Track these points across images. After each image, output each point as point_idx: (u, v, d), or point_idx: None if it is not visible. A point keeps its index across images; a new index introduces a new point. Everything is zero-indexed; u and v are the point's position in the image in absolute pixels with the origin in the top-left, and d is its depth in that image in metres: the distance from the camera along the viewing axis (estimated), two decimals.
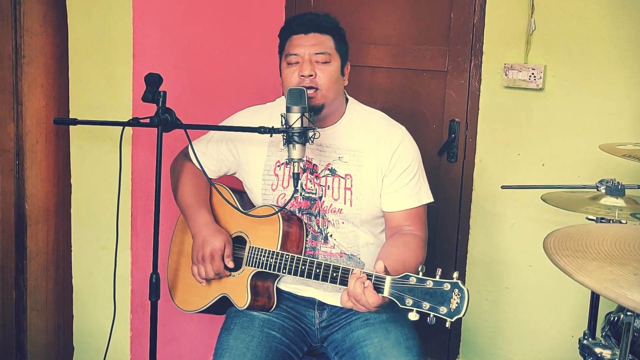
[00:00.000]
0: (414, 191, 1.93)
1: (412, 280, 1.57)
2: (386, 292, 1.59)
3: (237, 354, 1.86)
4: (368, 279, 1.62)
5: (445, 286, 1.53)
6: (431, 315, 1.53)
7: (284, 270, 1.83)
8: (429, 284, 1.55)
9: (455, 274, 1.54)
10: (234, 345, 1.89)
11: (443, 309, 1.52)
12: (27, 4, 2.28)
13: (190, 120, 1.89)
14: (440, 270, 1.56)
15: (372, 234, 1.98)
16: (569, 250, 1.31)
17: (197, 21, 2.47)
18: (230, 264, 1.93)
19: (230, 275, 1.96)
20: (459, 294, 1.51)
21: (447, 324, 1.51)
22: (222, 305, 2.00)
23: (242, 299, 1.92)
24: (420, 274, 1.57)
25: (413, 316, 1.55)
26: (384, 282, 1.60)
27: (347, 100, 2.02)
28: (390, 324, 1.90)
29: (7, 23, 2.27)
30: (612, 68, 2.33)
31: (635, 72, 2.29)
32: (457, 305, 1.51)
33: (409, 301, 1.56)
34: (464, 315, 1.51)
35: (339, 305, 1.94)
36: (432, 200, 1.98)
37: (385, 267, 1.63)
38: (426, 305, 1.53)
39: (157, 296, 1.81)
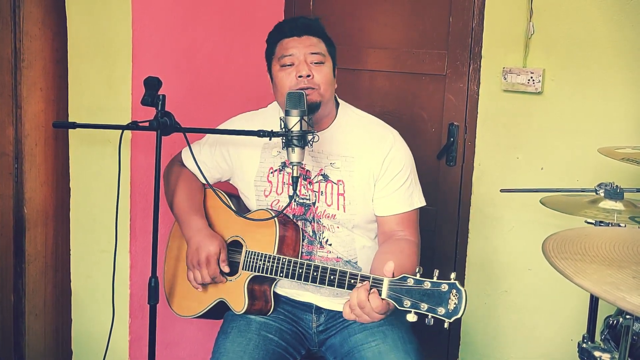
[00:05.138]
0: (405, 195, 1.93)
1: (410, 281, 1.57)
2: (384, 294, 1.59)
3: (234, 357, 1.85)
4: (365, 280, 1.63)
5: (442, 287, 1.53)
6: (429, 316, 1.53)
7: (281, 274, 1.83)
8: (427, 285, 1.54)
9: (453, 275, 1.54)
10: (231, 348, 1.88)
11: (441, 310, 1.52)
12: (26, 7, 2.29)
13: (189, 123, 1.89)
14: (437, 271, 1.56)
15: (368, 237, 1.98)
16: (567, 253, 1.31)
17: (197, 25, 2.47)
18: (226, 269, 1.92)
19: (227, 280, 1.96)
20: (456, 295, 1.51)
21: (446, 325, 1.51)
22: (220, 310, 2.00)
23: (239, 303, 1.91)
24: (418, 275, 1.57)
25: (411, 317, 1.55)
26: (382, 284, 1.60)
27: (338, 104, 2.02)
28: (388, 327, 1.89)
29: (7, 26, 2.27)
30: (611, 71, 2.33)
31: (635, 76, 2.30)
32: (455, 305, 1.51)
33: (407, 302, 1.55)
34: (462, 315, 1.50)
35: (336, 309, 1.94)
36: (424, 204, 1.98)
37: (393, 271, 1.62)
38: (424, 306, 1.53)
39: (156, 300, 1.81)
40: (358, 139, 1.95)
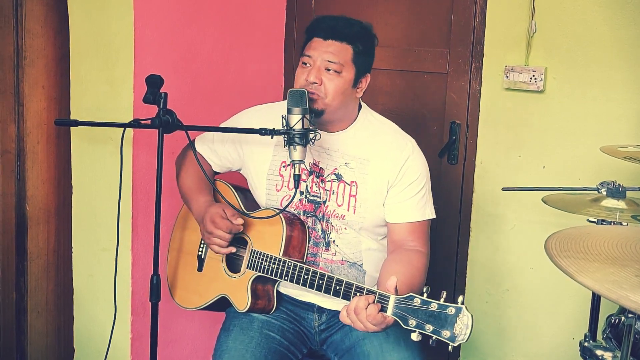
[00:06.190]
0: (419, 205, 1.92)
1: (417, 301, 1.56)
2: (390, 312, 1.59)
3: (236, 355, 1.86)
4: (371, 294, 1.62)
5: (449, 310, 1.52)
6: (434, 338, 1.53)
7: (286, 278, 1.83)
8: (434, 306, 1.54)
9: (461, 298, 1.53)
10: (233, 346, 1.89)
11: (446, 333, 1.51)
12: (28, 5, 2.29)
13: (191, 121, 1.89)
14: (445, 293, 1.55)
15: (375, 240, 1.98)
16: (570, 251, 1.31)
17: (198, 22, 2.47)
18: (239, 220, 1.89)
19: (230, 276, 1.96)
20: (463, 319, 1.51)
21: (450, 348, 1.51)
22: (222, 304, 2.00)
23: (242, 302, 1.91)
24: (425, 295, 1.56)
25: (415, 337, 1.55)
26: (388, 301, 1.59)
27: (360, 107, 2.00)
28: None
29: (9, 25, 2.27)
30: (613, 70, 2.32)
31: (637, 74, 2.29)
32: (460, 330, 1.51)
33: (412, 322, 1.55)
34: (467, 340, 1.50)
35: (338, 309, 1.93)
36: (434, 216, 1.97)
37: (396, 285, 1.61)
38: (429, 327, 1.53)
39: (157, 298, 1.82)
40: (376, 144, 1.94)
